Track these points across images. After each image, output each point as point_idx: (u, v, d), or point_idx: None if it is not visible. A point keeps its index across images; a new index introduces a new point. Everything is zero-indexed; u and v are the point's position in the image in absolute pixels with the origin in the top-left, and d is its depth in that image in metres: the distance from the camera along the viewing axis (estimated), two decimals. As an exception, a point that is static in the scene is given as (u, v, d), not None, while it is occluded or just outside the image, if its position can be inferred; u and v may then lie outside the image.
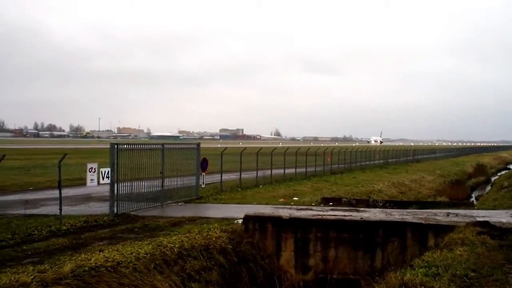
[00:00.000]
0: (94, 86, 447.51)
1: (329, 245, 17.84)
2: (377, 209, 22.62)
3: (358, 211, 20.91)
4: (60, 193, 18.57)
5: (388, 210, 21.58)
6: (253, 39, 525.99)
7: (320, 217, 18.61)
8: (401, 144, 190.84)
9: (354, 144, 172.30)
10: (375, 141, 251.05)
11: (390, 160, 69.95)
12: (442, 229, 16.59)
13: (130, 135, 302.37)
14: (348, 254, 17.68)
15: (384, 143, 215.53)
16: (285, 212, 19.81)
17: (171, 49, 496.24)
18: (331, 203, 25.99)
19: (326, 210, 21.05)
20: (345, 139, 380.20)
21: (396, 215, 19.55)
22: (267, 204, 24.67)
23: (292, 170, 41.36)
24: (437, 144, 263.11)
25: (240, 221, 18.89)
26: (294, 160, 42.49)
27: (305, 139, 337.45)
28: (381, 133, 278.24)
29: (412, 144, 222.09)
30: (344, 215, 19.17)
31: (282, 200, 27.19)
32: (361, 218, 18.32)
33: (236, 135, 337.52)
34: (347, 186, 36.99)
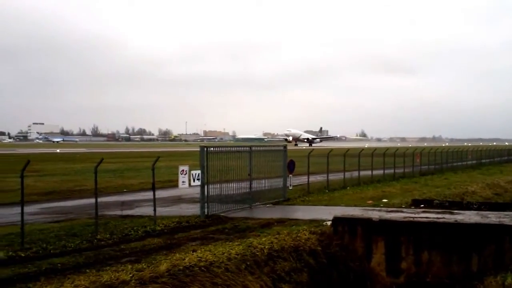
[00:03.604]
0: (179, 92, 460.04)
1: (421, 248, 17.36)
2: (472, 211, 21.77)
3: (451, 213, 20.23)
4: (154, 195, 19.23)
5: (484, 213, 20.72)
6: (328, 42, 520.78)
7: (411, 219, 18.15)
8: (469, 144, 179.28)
9: (444, 145, 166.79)
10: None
11: (483, 161, 67.20)
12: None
13: (216, 138, 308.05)
14: (442, 258, 17.13)
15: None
16: (374, 214, 19.49)
17: (249, 54, 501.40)
18: (422, 205, 25.27)
19: (418, 213, 20.50)
20: (434, 139, 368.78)
21: (492, 217, 18.74)
22: (355, 206, 24.37)
23: (380, 172, 40.63)
24: None
25: (328, 223, 18.77)
26: (382, 161, 41.72)
27: (391, 140, 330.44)
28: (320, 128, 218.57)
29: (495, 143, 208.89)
30: (437, 218, 18.60)
31: (370, 202, 26.76)
32: (455, 221, 17.71)
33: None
34: (438, 187, 35.84)
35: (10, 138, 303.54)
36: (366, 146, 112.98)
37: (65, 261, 13.52)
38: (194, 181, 20.78)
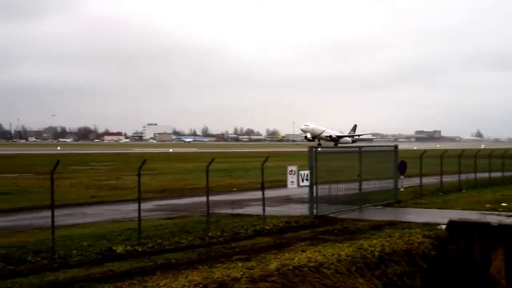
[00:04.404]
0: (286, 92, 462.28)
1: (546, 256, 16.20)
2: None
3: None
4: (263, 194, 19.43)
5: None
6: (438, 39, 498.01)
7: (534, 225, 17.00)
8: None
9: None
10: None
11: None
12: None
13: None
14: None
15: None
16: (493, 218, 18.45)
17: (353, 53, 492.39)
18: (545, 210, 23.64)
19: (541, 218, 19.19)
20: None
21: None
22: (472, 209, 23.27)
23: (499, 174, 38.49)
24: None
25: (443, 226, 18.02)
26: (500, 162, 39.52)
27: (510, 141, 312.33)
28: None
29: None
30: None
31: (488, 205, 25.41)
32: None
33: (433, 137, 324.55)
34: None
35: (126, 138, 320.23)
36: (482, 147, 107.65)
37: (179, 257, 13.98)
38: (302, 181, 20.77)
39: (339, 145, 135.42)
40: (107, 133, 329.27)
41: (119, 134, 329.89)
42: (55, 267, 12.91)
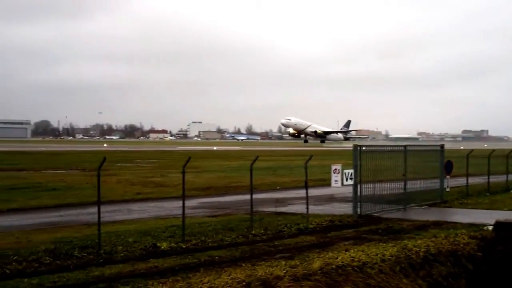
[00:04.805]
0: (330, 91, 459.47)
1: None
2: None
3: None
4: (307, 193, 19.38)
5: None
6: (491, 34, 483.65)
7: None
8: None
9: None
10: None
11: None
12: None
13: (368, 137, 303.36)
14: None
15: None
16: (543, 220, 17.93)
17: (401, 52, 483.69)
18: None
19: None
20: None
21: None
22: (520, 210, 22.65)
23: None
24: None
25: (490, 227, 17.61)
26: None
27: None
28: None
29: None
30: None
31: (538, 206, 24.70)
32: None
33: (480, 136, 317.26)
34: None
35: (171, 136, 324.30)
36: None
37: (222, 254, 14.08)
38: (346, 180, 20.61)
39: (349, 142, 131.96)
40: (152, 130, 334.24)
41: (164, 132, 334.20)
42: (100, 262, 13.18)
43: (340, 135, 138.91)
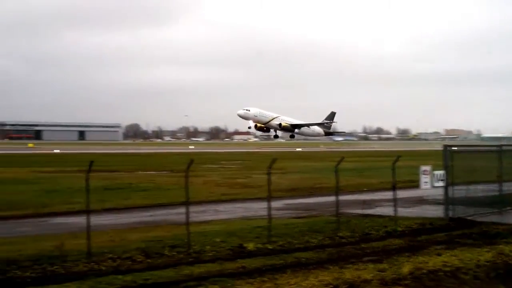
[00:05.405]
0: (416, 89, 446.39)
1: None
2: None
3: None
4: (395, 195, 18.90)
5: None
6: None
7: None
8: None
9: None
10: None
11: None
12: None
13: (458, 137, 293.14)
14: None
15: None
16: None
17: (483, 49, 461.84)
18: None
19: None
20: None
21: None
22: None
23: None
24: None
25: None
26: None
27: None
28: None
29: None
30: None
31: None
32: None
33: None
34: None
35: (255, 137, 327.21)
36: None
37: (309, 256, 13.98)
38: (437, 181, 19.91)
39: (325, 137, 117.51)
40: (236, 132, 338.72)
41: (248, 133, 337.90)
42: (190, 261, 13.44)
43: (317, 129, 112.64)
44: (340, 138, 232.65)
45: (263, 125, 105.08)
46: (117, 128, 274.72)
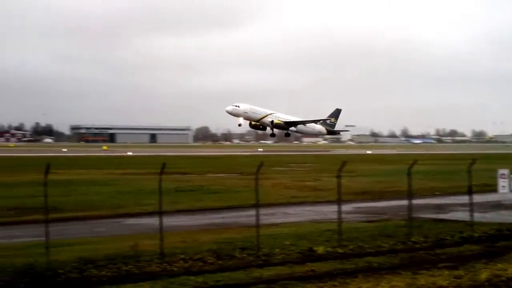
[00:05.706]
0: (492, 90, 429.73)
1: None
2: None
3: None
4: (471, 199, 18.29)
5: None
6: None
7: None
8: None
9: None
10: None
11: None
12: None
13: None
14: None
15: None
16: None
17: None
18: None
19: None
20: None
21: None
22: None
23: None
24: None
25: None
26: None
27: None
28: None
29: None
30: None
31: None
32: None
33: None
34: None
35: (324, 140, 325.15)
36: None
37: (380, 261, 13.74)
38: (516, 185, 19.12)
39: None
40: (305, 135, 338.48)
41: (316, 136, 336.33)
42: (259, 264, 13.49)
43: (318, 127, 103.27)
44: (419, 141, 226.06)
45: (257, 123, 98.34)
46: (187, 131, 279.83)
